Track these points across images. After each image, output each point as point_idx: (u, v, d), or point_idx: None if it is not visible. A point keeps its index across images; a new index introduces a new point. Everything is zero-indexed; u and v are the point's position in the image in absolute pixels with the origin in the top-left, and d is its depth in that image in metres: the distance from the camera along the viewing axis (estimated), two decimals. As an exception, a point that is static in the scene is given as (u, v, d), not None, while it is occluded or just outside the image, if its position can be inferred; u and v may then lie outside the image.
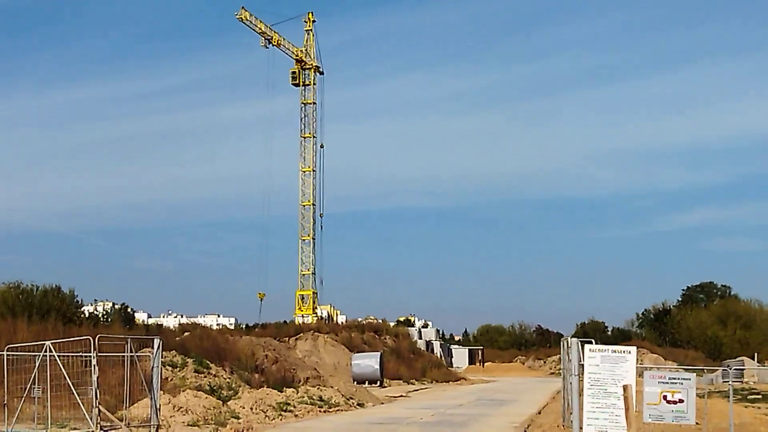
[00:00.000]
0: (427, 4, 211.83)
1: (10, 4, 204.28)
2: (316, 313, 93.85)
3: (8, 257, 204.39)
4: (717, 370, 64.14)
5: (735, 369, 67.59)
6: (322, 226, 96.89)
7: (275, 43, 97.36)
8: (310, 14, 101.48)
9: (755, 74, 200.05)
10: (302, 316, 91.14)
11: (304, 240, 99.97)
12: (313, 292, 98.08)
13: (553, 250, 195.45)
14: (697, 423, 23.09)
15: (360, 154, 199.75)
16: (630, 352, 23.91)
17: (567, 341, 26.87)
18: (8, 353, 24.73)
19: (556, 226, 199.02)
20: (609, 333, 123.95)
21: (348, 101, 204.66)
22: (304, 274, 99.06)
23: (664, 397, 22.20)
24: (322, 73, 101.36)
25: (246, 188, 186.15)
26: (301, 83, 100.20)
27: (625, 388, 12.74)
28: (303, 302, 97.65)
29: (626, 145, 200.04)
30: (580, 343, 24.39)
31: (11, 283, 46.42)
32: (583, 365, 23.30)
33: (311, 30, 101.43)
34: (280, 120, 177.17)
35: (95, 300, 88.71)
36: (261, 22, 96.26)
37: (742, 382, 61.41)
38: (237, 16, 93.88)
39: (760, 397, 46.38)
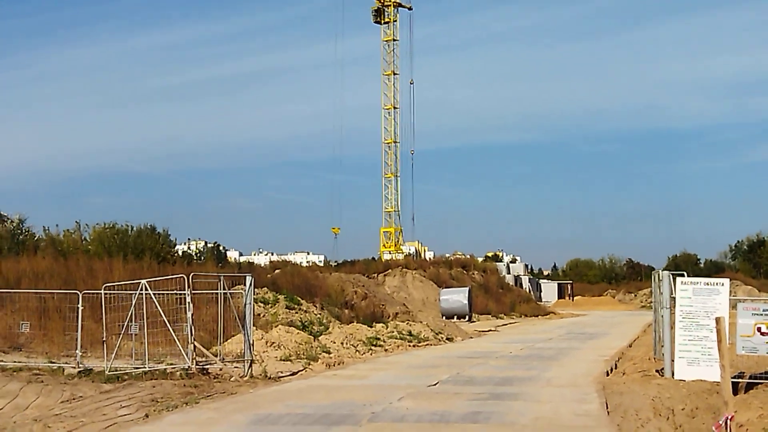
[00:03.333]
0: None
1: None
2: (401, 250, 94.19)
3: (104, 198, 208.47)
4: (813, 301, 63.37)
5: (832, 300, 66.63)
6: (413, 163, 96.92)
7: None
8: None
9: None
10: (390, 253, 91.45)
11: (387, 177, 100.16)
12: (396, 230, 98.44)
13: (643, 182, 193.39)
14: (792, 355, 23.01)
15: (447, 88, 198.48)
16: (723, 284, 23.80)
17: (658, 274, 26.72)
18: (105, 292, 25.22)
19: (645, 159, 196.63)
20: (701, 265, 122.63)
21: (434, 35, 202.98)
22: (388, 211, 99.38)
23: (758, 329, 22.05)
24: (410, 9, 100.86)
25: (333, 126, 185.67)
26: (382, 21, 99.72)
27: (717, 320, 12.76)
28: (387, 239, 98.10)
29: (716, 74, 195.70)
30: (671, 276, 24.34)
31: (107, 223, 47.41)
32: (674, 298, 23.28)
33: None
34: (363, 58, 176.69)
35: (188, 239, 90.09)
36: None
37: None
38: None
39: None
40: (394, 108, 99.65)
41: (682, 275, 24.17)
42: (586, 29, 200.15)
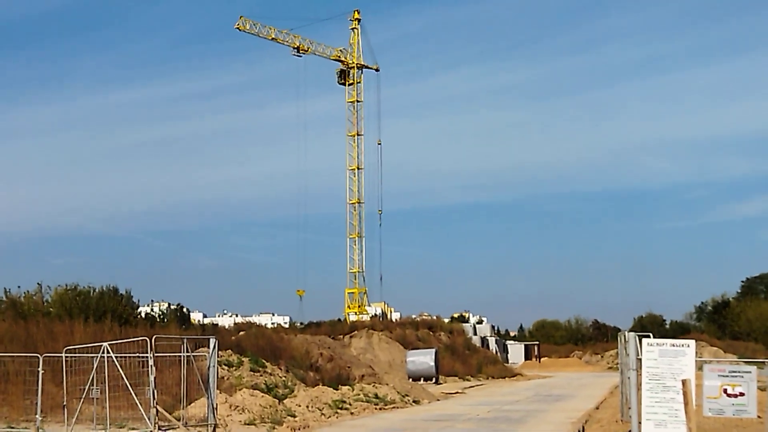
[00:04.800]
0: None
1: (65, 7, 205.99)
2: (366, 311, 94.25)
3: (64, 260, 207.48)
4: (780, 362, 63.82)
5: (797, 361, 67.16)
6: (381, 223, 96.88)
7: (304, 50, 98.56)
8: (356, 12, 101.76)
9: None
10: (355, 314, 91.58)
11: (352, 237, 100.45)
12: (361, 291, 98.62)
13: (608, 242, 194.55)
14: (758, 416, 23.15)
15: (410, 149, 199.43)
16: (689, 346, 24.00)
17: (624, 335, 26.96)
18: (66, 355, 25.18)
19: (610, 218, 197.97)
20: (667, 326, 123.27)
21: (397, 97, 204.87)
22: (353, 272, 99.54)
23: (725, 391, 22.24)
24: (377, 70, 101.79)
25: (298, 187, 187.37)
26: (347, 82, 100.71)
27: (684, 382, 12.91)
28: (352, 300, 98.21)
29: (681, 135, 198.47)
30: (637, 338, 24.51)
31: (68, 285, 46.97)
32: (640, 359, 23.43)
33: (357, 28, 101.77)
34: (328, 119, 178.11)
35: (151, 301, 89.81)
36: (292, 35, 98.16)
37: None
38: (237, 27, 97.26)
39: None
40: (359, 168, 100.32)
41: (648, 336, 24.30)
42: (550, 90, 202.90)
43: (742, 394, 22.37)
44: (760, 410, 23.18)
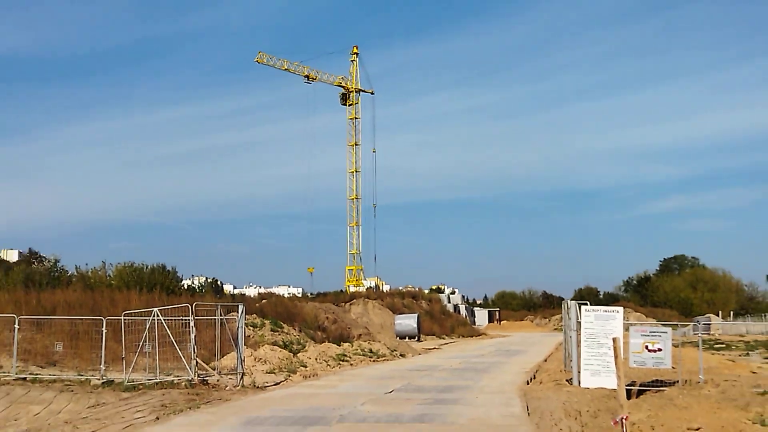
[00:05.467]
0: (452, 35, 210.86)
1: (126, 43, 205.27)
2: (362, 284, 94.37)
3: (123, 244, 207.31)
4: (688, 324, 64.05)
5: (703, 324, 67.45)
6: (375, 215, 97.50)
7: (313, 78, 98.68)
8: (355, 47, 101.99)
9: (719, 91, 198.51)
10: (354, 286, 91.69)
11: (351, 226, 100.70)
12: (358, 268, 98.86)
13: (557, 230, 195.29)
14: (672, 367, 23.22)
15: (398, 156, 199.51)
16: (618, 312, 24.10)
17: (567, 303, 27.01)
18: (124, 318, 25.14)
19: (560, 212, 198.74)
20: (601, 296, 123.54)
21: (388, 114, 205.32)
22: (352, 253, 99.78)
23: (646, 347, 22.33)
24: (372, 93, 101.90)
25: (308, 186, 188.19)
26: (347, 103, 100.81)
27: (614, 340, 12.87)
28: (351, 275, 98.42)
29: (616, 146, 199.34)
30: (577, 305, 24.59)
31: (126, 263, 47.10)
32: (580, 322, 23.51)
33: (355, 60, 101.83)
34: (333, 131, 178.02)
35: (192, 275, 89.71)
36: (303, 66, 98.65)
37: (709, 334, 61.21)
38: (262, 62, 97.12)
39: (723, 346, 46.29)
40: (357, 171, 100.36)
41: (586, 304, 24.36)
42: (513, 110, 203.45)
43: (659, 350, 22.44)
44: (674, 362, 23.28)
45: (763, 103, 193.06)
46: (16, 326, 26.02)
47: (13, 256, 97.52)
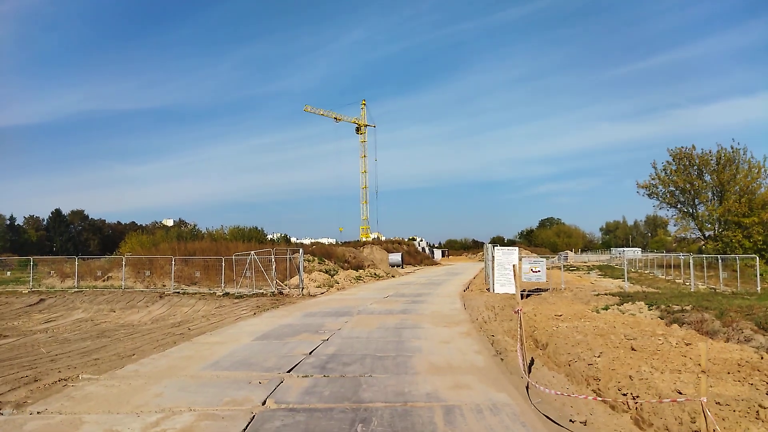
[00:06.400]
0: (421, 92, 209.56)
1: (234, 99, 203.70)
2: (369, 236, 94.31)
3: (234, 214, 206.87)
4: (555, 256, 64.26)
5: (563, 256, 67.70)
6: (377, 197, 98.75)
7: (339, 119, 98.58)
8: (363, 101, 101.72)
9: (574, 123, 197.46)
10: (365, 238, 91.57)
11: (362, 203, 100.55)
12: (366, 228, 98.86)
13: (479, 205, 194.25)
14: (546, 281, 23.45)
15: (392, 162, 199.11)
16: (515, 250, 24.26)
17: (486, 246, 27.23)
18: (235, 256, 25.30)
19: (480, 194, 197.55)
20: (505, 241, 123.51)
21: (385, 139, 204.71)
22: (364, 219, 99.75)
23: (531, 270, 22.50)
24: (374, 126, 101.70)
25: (340, 181, 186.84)
26: (359, 132, 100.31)
27: (513, 266, 12.98)
28: (363, 231, 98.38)
29: (515, 156, 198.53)
30: (492, 246, 24.74)
31: (235, 226, 47.35)
32: (494, 256, 23.65)
33: (364, 107, 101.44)
34: (351, 148, 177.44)
35: (273, 232, 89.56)
36: (332, 112, 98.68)
37: (566, 262, 61.43)
38: (308, 110, 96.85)
39: (575, 268, 46.46)
40: (365, 172, 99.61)
41: (496, 245, 24.50)
42: (458, 134, 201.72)
43: (539, 271, 22.58)
44: (547, 278, 23.47)
45: (599, 130, 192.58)
46: (173, 262, 26.16)
47: (169, 223, 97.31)
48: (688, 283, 25.51)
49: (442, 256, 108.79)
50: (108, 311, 20.01)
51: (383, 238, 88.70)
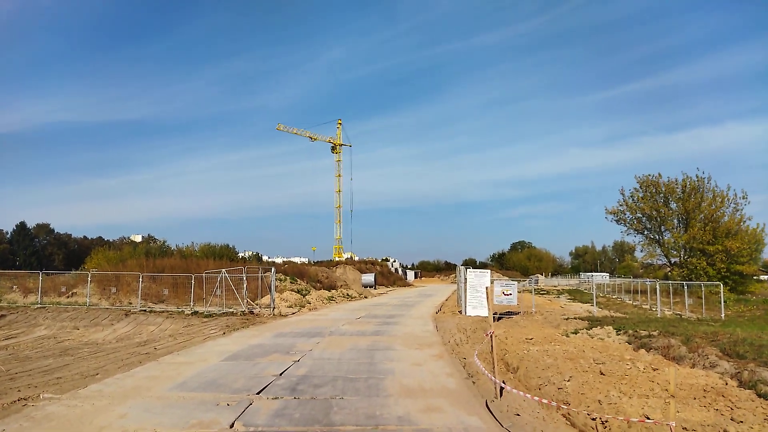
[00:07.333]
0: (396, 114, 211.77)
1: (213, 113, 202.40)
2: (342, 256, 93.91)
3: (205, 231, 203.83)
4: (526, 280, 64.85)
5: (534, 279, 68.42)
6: (351, 216, 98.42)
7: (314, 138, 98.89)
8: (339, 120, 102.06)
9: (545, 150, 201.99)
10: (338, 257, 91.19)
11: (336, 223, 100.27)
12: (340, 247, 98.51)
13: (452, 226, 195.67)
14: (517, 304, 23.63)
15: (366, 181, 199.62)
16: (487, 272, 24.36)
17: (459, 267, 27.33)
18: (205, 274, 24.88)
19: (453, 215, 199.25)
20: (477, 264, 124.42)
21: (359, 158, 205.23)
22: (337, 239, 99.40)
23: (503, 293, 22.64)
24: (350, 146, 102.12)
25: (314, 199, 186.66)
26: (334, 152, 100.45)
27: (486, 288, 13.07)
28: (336, 251, 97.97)
29: (484, 178, 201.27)
30: (464, 268, 24.85)
31: (206, 243, 46.69)
32: (466, 278, 23.75)
33: (339, 127, 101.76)
34: (326, 167, 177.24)
35: (244, 250, 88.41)
36: (306, 131, 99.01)
37: (537, 285, 62.04)
38: (281, 129, 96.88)
39: (545, 292, 46.98)
40: (340, 191, 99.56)
41: (469, 268, 24.63)
42: (428, 157, 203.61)
43: (510, 294, 22.72)
44: (518, 301, 23.63)
45: (570, 155, 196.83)
46: (140, 280, 25.61)
47: (138, 239, 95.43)
48: (654, 309, 25.99)
49: (415, 277, 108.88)
50: (72, 328, 19.44)
51: (356, 258, 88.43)
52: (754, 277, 42.69)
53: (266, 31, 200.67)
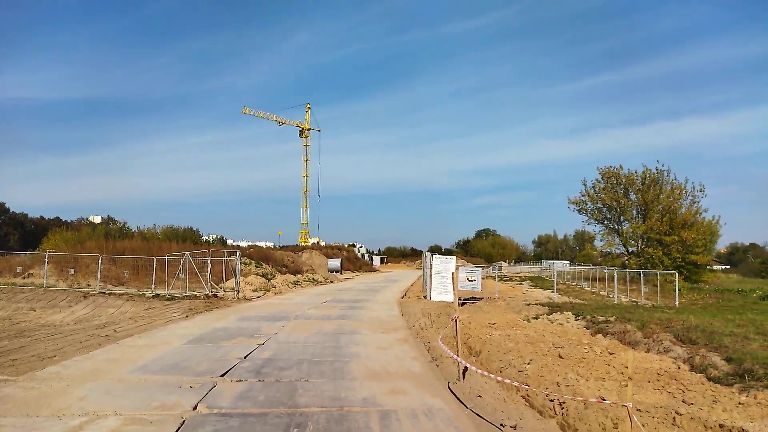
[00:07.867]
0: (367, 99, 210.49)
1: (178, 93, 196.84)
2: (308, 241, 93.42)
3: (168, 213, 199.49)
4: (490, 266, 65.86)
5: (497, 266, 69.53)
6: (319, 202, 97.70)
7: (282, 122, 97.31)
8: (308, 104, 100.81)
9: (514, 139, 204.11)
10: (304, 243, 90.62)
11: (303, 208, 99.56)
12: (306, 232, 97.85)
13: (419, 213, 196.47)
14: (481, 290, 23.99)
15: (334, 167, 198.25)
16: (452, 259, 24.65)
17: (425, 254, 27.56)
18: (168, 257, 24.49)
19: (421, 204, 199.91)
20: (443, 250, 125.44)
21: (328, 143, 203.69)
22: (303, 223, 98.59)
23: (467, 279, 22.93)
24: (319, 131, 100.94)
25: (281, 184, 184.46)
26: (302, 136, 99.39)
27: (452, 274, 13.25)
28: (302, 236, 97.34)
29: (455, 167, 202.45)
30: (430, 255, 25.06)
31: (168, 225, 45.81)
32: (431, 264, 23.96)
33: (308, 111, 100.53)
34: (294, 152, 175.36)
35: (209, 233, 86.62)
36: (273, 115, 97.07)
37: (500, 272, 63.07)
38: (247, 112, 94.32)
39: (508, 279, 47.78)
40: (307, 176, 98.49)
41: (435, 254, 24.86)
42: (404, 144, 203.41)
43: (475, 280, 23.03)
44: (482, 287, 23.99)
45: (537, 146, 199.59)
46: (100, 261, 25.01)
47: (97, 220, 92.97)
48: (612, 296, 26.77)
49: (381, 263, 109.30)
50: (28, 310, 18.90)
51: (323, 244, 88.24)
52: (708, 267, 44.40)
53: (232, 11, 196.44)
